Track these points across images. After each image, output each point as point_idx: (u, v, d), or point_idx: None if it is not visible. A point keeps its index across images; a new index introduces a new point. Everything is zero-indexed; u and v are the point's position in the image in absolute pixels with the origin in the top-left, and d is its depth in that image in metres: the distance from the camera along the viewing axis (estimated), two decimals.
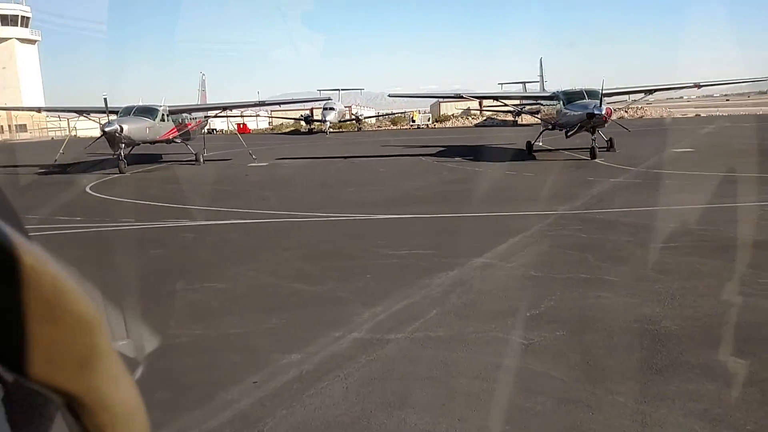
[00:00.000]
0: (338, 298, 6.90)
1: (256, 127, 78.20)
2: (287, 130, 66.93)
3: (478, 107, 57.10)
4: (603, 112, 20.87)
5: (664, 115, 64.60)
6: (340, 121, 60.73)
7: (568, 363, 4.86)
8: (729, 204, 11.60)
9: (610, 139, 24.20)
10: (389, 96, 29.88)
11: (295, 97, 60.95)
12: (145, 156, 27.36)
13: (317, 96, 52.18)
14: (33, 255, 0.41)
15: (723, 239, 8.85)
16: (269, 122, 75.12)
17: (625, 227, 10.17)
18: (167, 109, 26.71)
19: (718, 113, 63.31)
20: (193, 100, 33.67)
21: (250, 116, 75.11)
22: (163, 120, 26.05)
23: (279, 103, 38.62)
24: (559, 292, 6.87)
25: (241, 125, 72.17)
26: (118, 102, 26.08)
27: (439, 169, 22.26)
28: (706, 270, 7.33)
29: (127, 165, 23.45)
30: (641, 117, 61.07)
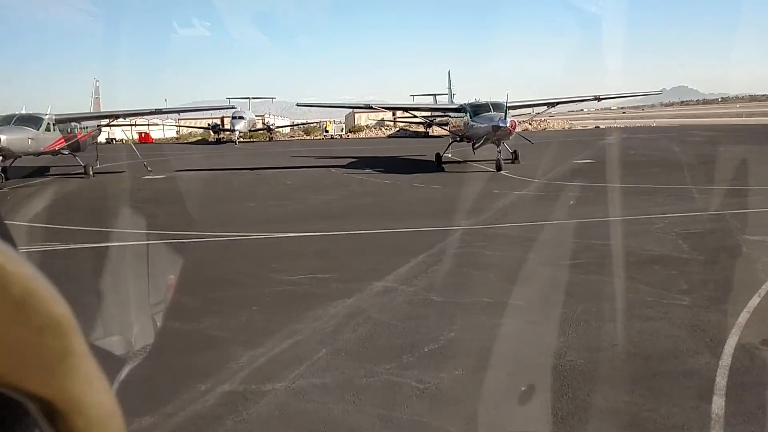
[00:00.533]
0: (214, 338, 6.03)
1: (162, 137, 74.46)
2: (194, 139, 64.16)
3: (392, 118, 57.28)
4: (508, 125, 21.11)
5: (566, 127, 67.81)
6: (250, 131, 58.80)
7: (465, 414, 4.30)
8: (630, 217, 11.73)
9: (515, 151, 24.64)
10: (297, 105, 28.97)
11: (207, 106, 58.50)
12: (29, 169, 24.86)
13: (227, 105, 50.12)
14: (2, 254, 0.40)
15: (625, 255, 8.75)
16: (177, 131, 71.76)
17: (529, 243, 9.93)
18: (53, 117, 24.38)
19: (615, 125, 67.11)
20: (86, 108, 31.13)
21: (157, 125, 71.43)
22: (48, 130, 23.72)
23: (178, 111, 36.43)
24: (461, 321, 6.38)
25: (143, 135, 68.41)
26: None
27: (349, 181, 21.65)
28: (609, 290, 7.10)
29: (6, 180, 21.18)
30: (544, 129, 63.61)
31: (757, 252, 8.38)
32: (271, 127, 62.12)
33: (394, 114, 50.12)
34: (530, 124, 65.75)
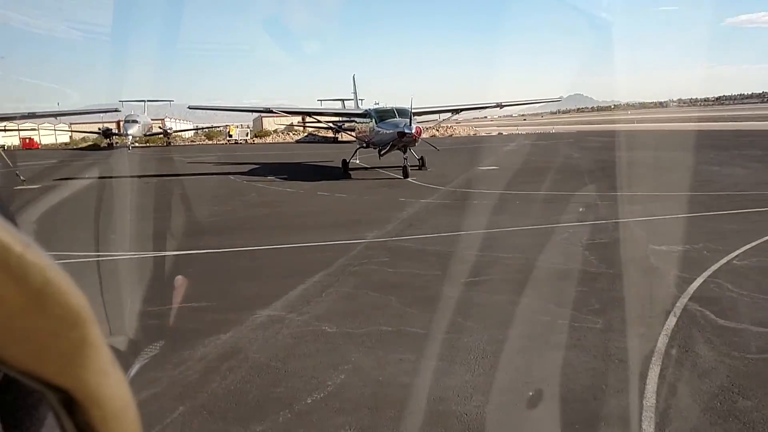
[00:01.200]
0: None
1: (54, 142, 68.85)
2: (85, 145, 59.56)
3: (301, 123, 55.90)
4: (413, 131, 20.63)
5: (471, 133, 69.30)
6: (146, 135, 55.29)
7: None
8: (536, 226, 11.36)
9: (422, 158, 24.25)
10: (189, 108, 27.10)
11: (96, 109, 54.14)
12: None
13: (121, 107, 46.61)
14: (22, 245, 0.40)
15: (531, 269, 8.20)
16: (70, 136, 66.51)
17: (433, 257, 9.22)
18: None
19: (517, 131, 69.36)
20: None
21: (48, 129, 65.84)
22: None
23: (55, 115, 33.11)
24: (354, 357, 5.46)
25: (28, 140, 62.80)
26: None
27: (248, 189, 20.25)
28: (516, 312, 6.43)
29: None
30: (451, 135, 64.67)
31: (665, 263, 8.08)
32: (169, 131, 58.67)
33: (303, 119, 48.86)
34: (437, 130, 66.67)
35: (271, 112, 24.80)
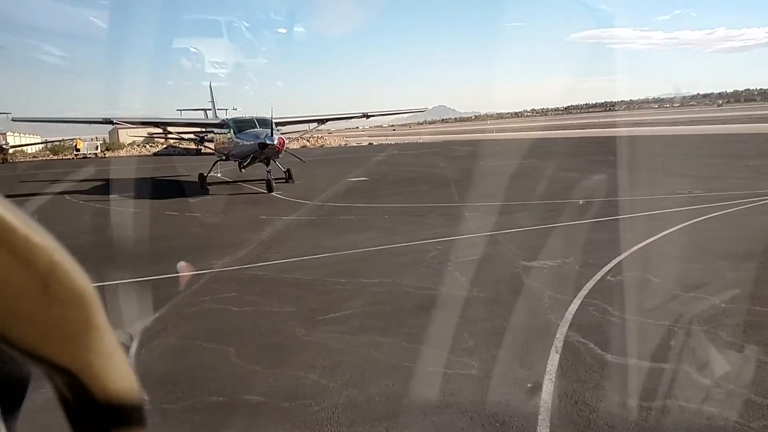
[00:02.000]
0: None
1: None
2: None
3: (162, 134, 51.90)
4: (275, 142, 19.20)
5: (342, 143, 68.83)
6: None
7: None
8: (403, 243, 10.48)
9: (288, 170, 22.90)
10: (13, 120, 23.49)
11: None
12: None
13: None
14: (28, 228, 0.41)
15: (398, 298, 7.22)
16: None
17: (290, 289, 7.94)
18: None
19: (387, 141, 70.02)
20: None
21: None
22: None
23: None
24: None
25: None
26: None
27: (83, 211, 17.61)
28: (381, 360, 5.35)
29: None
30: (322, 146, 63.76)
31: (538, 283, 7.46)
32: (4, 146, 51.82)
33: (165, 129, 45.32)
34: (308, 140, 65.53)
35: (111, 122, 22.06)
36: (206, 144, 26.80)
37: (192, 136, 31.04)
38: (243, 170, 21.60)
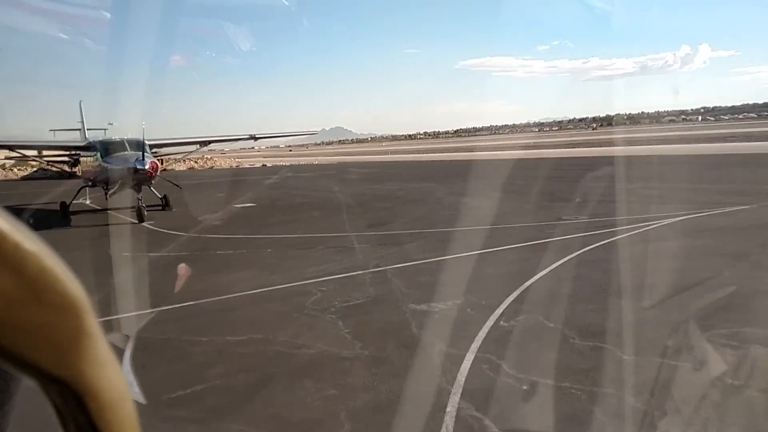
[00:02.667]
0: None
1: None
2: None
3: (37, 156, 46.93)
4: (147, 167, 17.37)
5: (234, 165, 66.22)
6: None
7: None
8: (284, 285, 9.37)
9: (165, 197, 20.98)
10: None
11: None
12: None
13: None
14: (17, 234, 0.40)
15: (271, 362, 6.12)
16: None
17: (137, 354, 6.57)
18: None
19: (282, 163, 68.33)
20: None
21: None
22: None
23: None
24: None
25: None
26: None
27: None
28: None
29: None
30: (212, 167, 60.88)
31: (428, 333, 6.66)
32: None
33: (40, 152, 40.96)
34: (196, 162, 62.37)
35: None
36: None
37: (66, 158, 28.01)
38: (110, 197, 19.43)
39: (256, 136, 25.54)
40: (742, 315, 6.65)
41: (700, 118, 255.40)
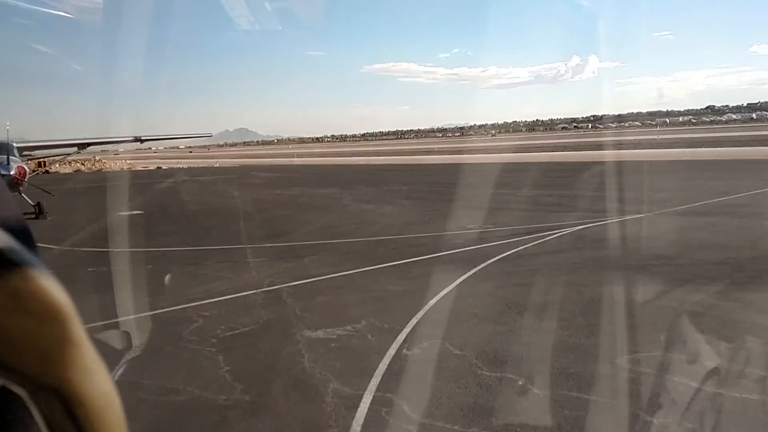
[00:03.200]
0: None
1: None
2: None
3: None
4: (12, 172, 15.34)
5: (126, 167, 62.01)
6: None
7: None
8: (160, 310, 8.23)
9: (38, 204, 18.80)
10: None
11: None
12: None
13: None
14: (1, 242, 0.40)
15: (129, 411, 5.07)
16: None
17: None
18: None
19: (179, 165, 64.92)
20: None
21: None
22: None
23: None
24: None
25: None
26: None
27: None
28: None
29: None
30: (100, 170, 56.62)
31: (322, 367, 5.88)
32: None
33: None
34: (83, 164, 57.80)
35: None
36: None
37: None
38: None
39: (142, 138, 23.58)
40: (653, 336, 6.42)
41: (590, 125, 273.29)
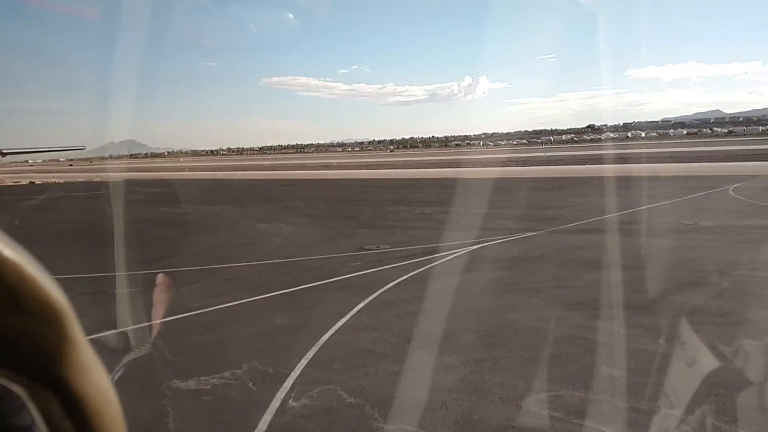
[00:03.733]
0: None
1: None
2: None
3: None
4: None
5: None
6: None
7: None
8: None
9: None
10: None
11: None
12: None
13: None
14: None
15: None
16: None
17: None
18: None
19: (56, 180, 59.46)
20: None
21: None
22: None
23: None
24: None
25: None
26: None
27: None
28: None
29: None
30: None
31: (195, 426, 4.88)
32: None
33: None
34: None
35: None
36: None
37: None
38: None
39: (4, 151, 20.93)
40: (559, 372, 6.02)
41: (481, 143, 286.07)
